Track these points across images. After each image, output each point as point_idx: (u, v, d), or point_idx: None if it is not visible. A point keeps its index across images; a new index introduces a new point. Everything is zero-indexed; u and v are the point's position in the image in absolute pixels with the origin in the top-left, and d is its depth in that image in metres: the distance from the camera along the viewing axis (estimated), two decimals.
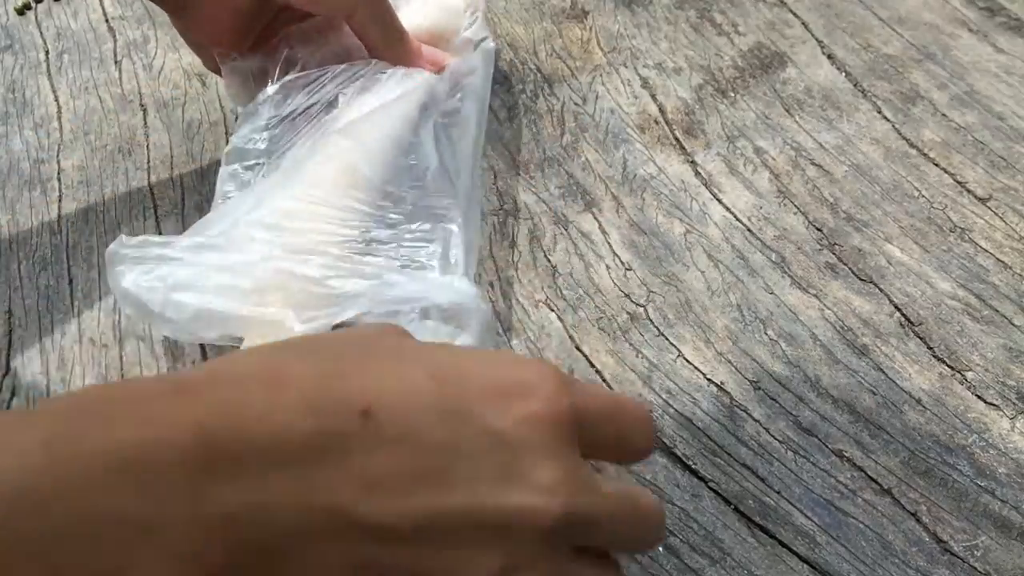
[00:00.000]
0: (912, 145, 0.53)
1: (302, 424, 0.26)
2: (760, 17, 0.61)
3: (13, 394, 0.45)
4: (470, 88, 0.51)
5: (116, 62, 0.63)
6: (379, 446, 0.27)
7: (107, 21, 0.66)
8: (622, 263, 0.49)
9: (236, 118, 0.53)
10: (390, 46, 0.52)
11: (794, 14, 0.61)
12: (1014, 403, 0.42)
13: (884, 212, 0.50)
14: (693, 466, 0.41)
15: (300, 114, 0.49)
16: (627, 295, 0.47)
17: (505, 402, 0.29)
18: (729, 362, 0.44)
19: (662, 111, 0.56)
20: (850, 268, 0.47)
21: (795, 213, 0.50)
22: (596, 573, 0.31)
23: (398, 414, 0.27)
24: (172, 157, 0.56)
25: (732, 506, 0.40)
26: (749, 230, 0.50)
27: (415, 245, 0.44)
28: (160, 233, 0.52)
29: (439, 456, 0.27)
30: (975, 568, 0.37)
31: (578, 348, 0.45)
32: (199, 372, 0.28)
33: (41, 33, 0.66)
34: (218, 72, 0.54)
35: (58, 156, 0.57)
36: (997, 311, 0.45)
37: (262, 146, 0.48)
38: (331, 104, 0.49)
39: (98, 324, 0.48)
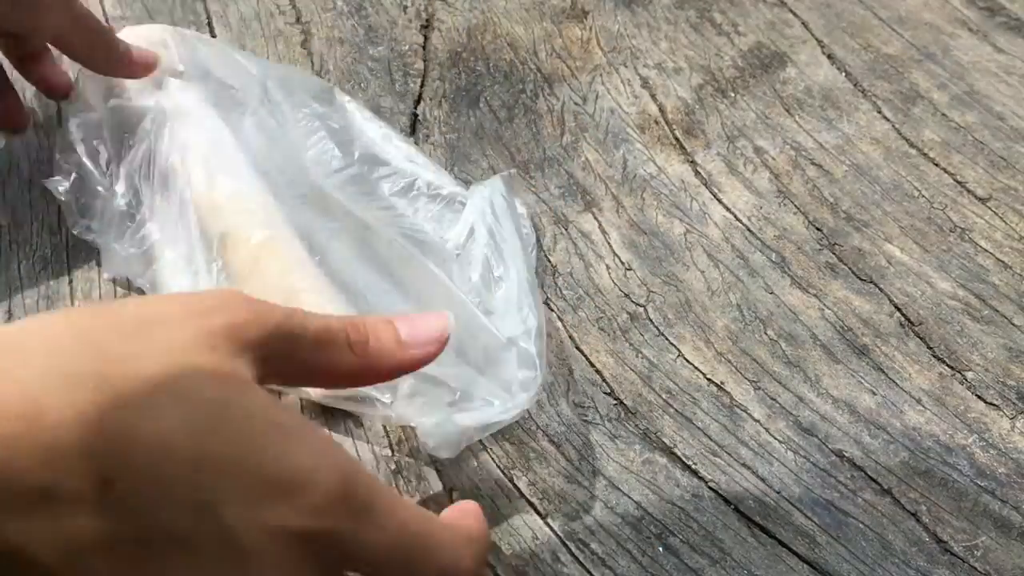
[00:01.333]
0: (912, 145, 0.53)
1: (38, 476, 0.24)
2: (760, 17, 0.61)
3: None
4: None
5: None
6: (106, 519, 0.25)
7: (107, 21, 0.66)
8: (622, 263, 0.49)
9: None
10: (100, 60, 0.49)
11: (794, 14, 0.61)
12: (1014, 403, 0.42)
13: (884, 212, 0.50)
14: (693, 466, 0.41)
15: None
16: (627, 295, 0.47)
17: (257, 504, 0.26)
18: (729, 362, 0.44)
19: (662, 111, 0.56)
20: (850, 268, 0.47)
21: (795, 213, 0.50)
22: None
23: (139, 493, 0.25)
24: None
25: (732, 506, 0.40)
26: (749, 230, 0.50)
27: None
28: None
29: (164, 546, 0.26)
30: (975, 568, 0.37)
31: (578, 348, 0.45)
32: None
33: None
34: None
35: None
36: (997, 311, 0.45)
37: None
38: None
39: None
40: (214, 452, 0.26)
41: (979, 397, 0.42)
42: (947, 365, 0.44)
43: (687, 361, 0.44)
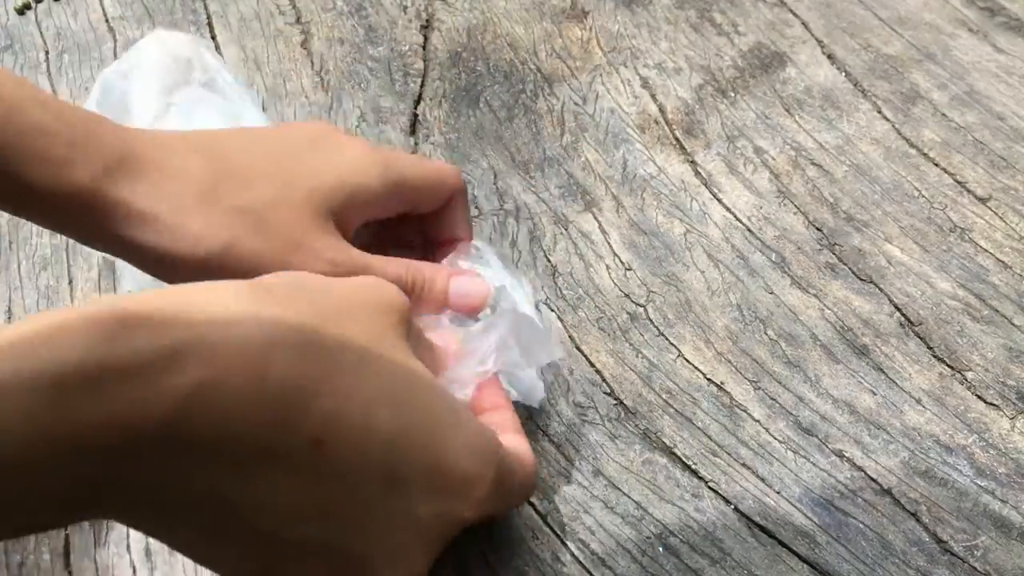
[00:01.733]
0: (912, 145, 0.53)
1: (262, 434, 0.27)
2: (760, 17, 0.61)
3: None
4: None
5: None
6: (314, 477, 0.28)
7: (107, 21, 0.66)
8: (622, 263, 0.49)
9: None
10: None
11: (794, 14, 0.61)
12: (1014, 403, 0.42)
13: (884, 212, 0.50)
14: (693, 466, 0.41)
15: None
16: (627, 295, 0.47)
17: (437, 493, 0.31)
18: (729, 362, 0.44)
19: (662, 111, 0.56)
20: (850, 268, 0.47)
21: (795, 213, 0.50)
22: None
23: (346, 457, 0.28)
24: None
25: (732, 506, 0.40)
26: (749, 230, 0.50)
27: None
28: None
29: (358, 506, 0.29)
30: (975, 568, 0.37)
31: (578, 348, 0.45)
32: (194, 326, 0.26)
33: (41, 33, 0.66)
34: None
35: None
36: (997, 311, 0.45)
37: None
38: None
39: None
40: (407, 432, 0.30)
41: (979, 397, 0.42)
42: (947, 365, 0.43)
43: (687, 361, 0.44)
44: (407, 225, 0.45)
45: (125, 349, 0.25)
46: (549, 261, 0.49)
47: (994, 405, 0.42)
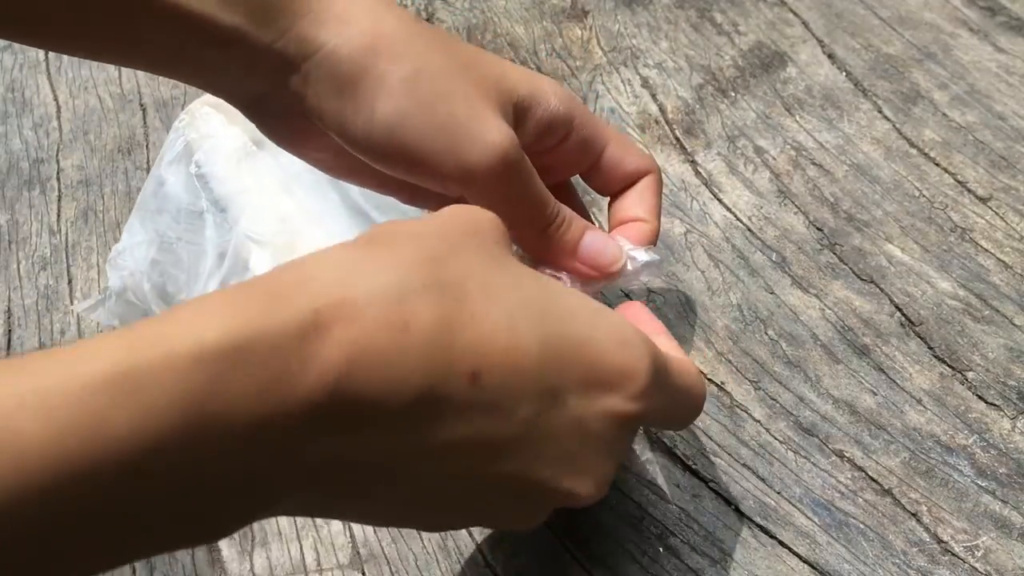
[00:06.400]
0: (912, 145, 0.53)
1: (418, 383, 0.26)
2: (760, 17, 0.61)
3: None
4: None
5: None
6: (475, 411, 0.28)
7: None
8: None
9: None
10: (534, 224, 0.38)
11: (794, 14, 0.61)
12: (1015, 403, 0.42)
13: (884, 212, 0.50)
14: (693, 466, 0.41)
15: None
16: (627, 295, 0.47)
17: (596, 393, 0.30)
18: (729, 362, 0.44)
19: (662, 111, 0.56)
20: (850, 268, 0.47)
21: (795, 213, 0.50)
22: None
23: (501, 383, 0.28)
24: None
25: (732, 506, 0.40)
26: (749, 230, 0.50)
27: None
28: None
29: (521, 428, 0.29)
30: (975, 568, 0.37)
31: None
32: (328, 289, 0.26)
33: None
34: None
35: (57, 156, 0.57)
36: (998, 311, 0.45)
37: None
38: None
39: (98, 324, 0.48)
40: (553, 339, 0.29)
41: (980, 397, 0.42)
42: (948, 365, 0.43)
43: None
44: None
45: (266, 321, 0.24)
46: None
47: (995, 405, 0.42)
